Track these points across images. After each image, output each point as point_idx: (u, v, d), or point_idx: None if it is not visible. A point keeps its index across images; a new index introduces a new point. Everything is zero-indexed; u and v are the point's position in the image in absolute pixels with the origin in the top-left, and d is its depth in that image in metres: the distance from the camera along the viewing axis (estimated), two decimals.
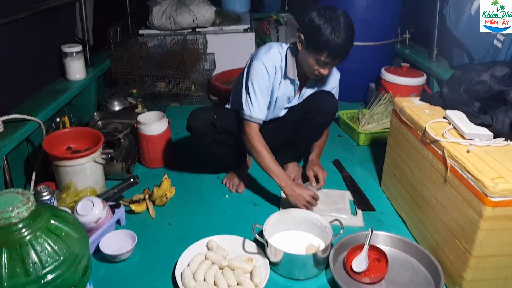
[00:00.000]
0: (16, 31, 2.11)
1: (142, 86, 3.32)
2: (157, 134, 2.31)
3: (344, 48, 1.76)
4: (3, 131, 1.84)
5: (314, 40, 1.75)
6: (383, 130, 2.62)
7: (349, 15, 1.77)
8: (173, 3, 3.68)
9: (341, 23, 1.71)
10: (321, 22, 1.71)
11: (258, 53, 1.93)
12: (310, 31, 1.76)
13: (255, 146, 1.91)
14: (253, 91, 1.89)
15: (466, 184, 1.40)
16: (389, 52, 3.46)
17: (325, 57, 1.76)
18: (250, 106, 1.90)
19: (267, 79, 1.90)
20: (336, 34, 1.70)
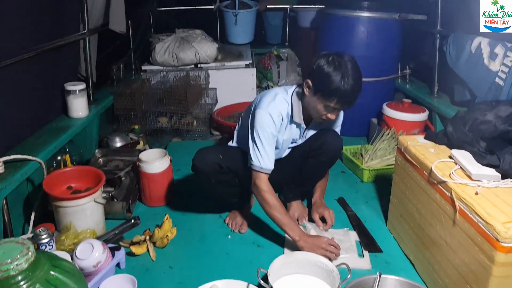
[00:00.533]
0: (20, 71, 2.11)
1: (144, 121, 3.33)
2: (158, 172, 2.29)
3: (354, 94, 1.78)
4: (4, 172, 1.82)
5: (323, 87, 1.76)
6: (387, 166, 2.60)
7: (355, 60, 1.80)
8: (176, 40, 3.73)
9: (349, 70, 1.73)
10: (330, 69, 1.73)
11: (262, 101, 1.90)
12: (319, 78, 1.77)
13: (266, 198, 1.88)
14: (260, 141, 1.86)
15: (476, 227, 1.37)
16: (390, 87, 3.48)
17: (334, 104, 1.77)
18: (259, 157, 1.87)
19: (274, 129, 1.87)
20: (345, 81, 1.72)
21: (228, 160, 1.99)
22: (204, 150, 2.02)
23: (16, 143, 2.13)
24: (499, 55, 2.34)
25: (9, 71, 2.00)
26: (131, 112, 3.25)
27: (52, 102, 2.57)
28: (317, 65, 1.78)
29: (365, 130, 3.41)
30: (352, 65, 1.76)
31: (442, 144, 1.88)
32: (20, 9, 2.13)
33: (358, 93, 1.80)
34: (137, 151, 2.62)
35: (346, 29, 3.26)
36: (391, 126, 2.94)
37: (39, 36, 2.30)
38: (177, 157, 2.60)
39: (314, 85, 1.80)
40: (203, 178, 2.01)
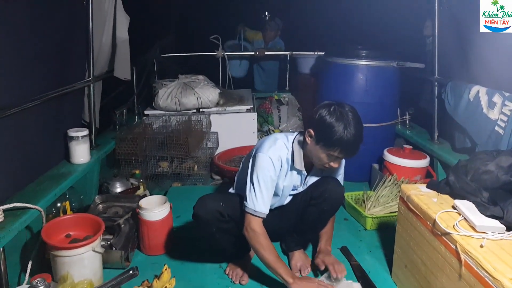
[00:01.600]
0: (24, 118, 2.13)
1: (145, 166, 3.32)
2: (158, 220, 2.26)
3: (356, 144, 1.81)
4: (3, 221, 1.80)
5: (326, 137, 1.79)
6: (390, 214, 2.58)
7: (356, 110, 1.84)
8: (179, 85, 3.79)
9: (351, 120, 1.76)
10: (332, 120, 1.76)
11: (263, 145, 1.94)
12: (321, 128, 1.80)
13: (258, 241, 1.87)
14: (258, 184, 1.87)
15: (483, 282, 1.34)
16: (391, 132, 3.51)
17: (338, 153, 1.80)
18: (254, 200, 1.87)
19: (273, 173, 1.89)
20: (348, 131, 1.75)
21: (230, 208, 1.98)
22: (205, 197, 2.01)
23: (17, 190, 2.12)
24: (497, 103, 2.37)
25: (13, 118, 2.02)
26: (132, 157, 3.25)
27: (54, 148, 2.58)
28: (319, 115, 1.81)
29: (367, 175, 3.40)
30: (353, 115, 1.79)
31: (444, 194, 1.86)
32: (28, 58, 2.19)
33: (360, 142, 1.82)
34: (137, 197, 2.60)
35: (346, 76, 3.32)
36: (393, 172, 2.93)
37: (44, 84, 2.35)
38: (177, 203, 2.58)
39: (317, 135, 1.83)
40: (203, 227, 1.98)
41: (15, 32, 2.06)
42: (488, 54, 2.47)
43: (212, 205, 1.95)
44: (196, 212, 1.95)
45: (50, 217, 2.21)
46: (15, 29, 2.06)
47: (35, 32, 2.24)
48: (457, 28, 2.80)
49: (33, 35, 2.22)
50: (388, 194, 2.74)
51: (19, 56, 2.11)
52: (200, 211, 1.94)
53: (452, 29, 2.84)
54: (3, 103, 1.92)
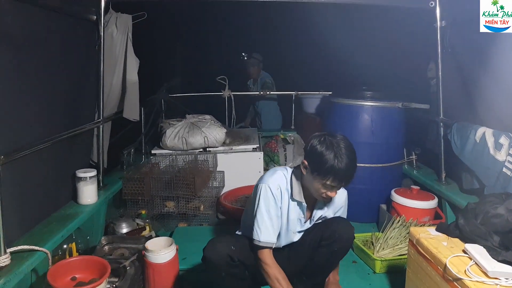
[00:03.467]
0: (34, 160, 2.16)
1: (151, 206, 3.31)
2: (164, 262, 2.24)
3: (348, 172, 1.82)
4: (10, 263, 1.79)
5: (318, 166, 1.82)
6: (399, 257, 2.53)
7: (348, 139, 1.87)
8: (186, 125, 3.84)
9: (342, 149, 1.79)
10: (323, 149, 1.81)
11: (263, 177, 2.01)
12: (313, 158, 1.84)
13: (269, 273, 1.88)
14: (260, 214, 1.91)
15: None
16: (398, 173, 3.50)
17: (331, 182, 1.82)
18: (258, 231, 1.90)
19: (273, 201, 1.92)
20: (339, 159, 1.78)
21: (240, 252, 1.96)
22: (216, 241, 2.00)
23: (25, 231, 2.12)
24: (504, 145, 2.38)
25: (23, 160, 2.04)
26: (139, 197, 3.25)
27: (62, 188, 2.60)
28: (310, 145, 1.86)
29: (375, 216, 3.37)
30: (345, 144, 1.82)
31: (454, 237, 1.85)
32: (41, 102, 2.24)
33: (353, 170, 1.84)
34: (143, 239, 2.58)
35: (351, 116, 3.36)
36: (401, 214, 2.91)
37: (56, 126, 2.40)
38: (183, 245, 2.54)
39: (310, 165, 1.86)
40: (213, 271, 1.96)
41: (30, 77, 2.12)
42: (492, 95, 2.51)
43: (223, 249, 1.93)
44: (206, 255, 1.93)
45: (56, 258, 2.19)
46: (30, 74, 2.12)
47: (49, 76, 2.31)
48: (460, 70, 2.86)
49: (47, 80, 2.29)
50: (396, 236, 2.71)
51: (33, 100, 2.17)
52: (210, 255, 1.92)
53: (456, 71, 2.90)
54: (16, 145, 1.95)
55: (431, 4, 2.95)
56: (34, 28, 2.14)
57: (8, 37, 1.89)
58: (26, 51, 2.07)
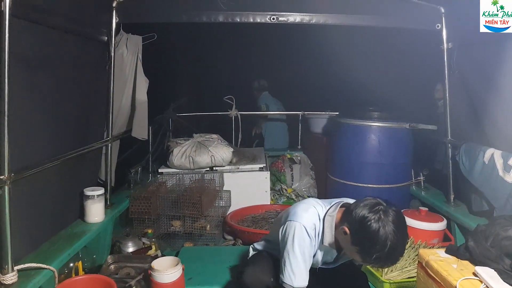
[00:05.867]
0: (43, 179, 2.18)
1: (157, 225, 3.31)
2: (170, 282, 2.22)
3: (395, 261, 1.67)
4: (17, 281, 1.79)
5: (365, 248, 1.63)
6: (408, 279, 2.49)
7: (402, 216, 1.66)
8: (193, 144, 3.86)
9: (398, 240, 1.58)
10: (375, 231, 1.57)
11: (296, 212, 1.83)
12: (361, 234, 1.62)
13: None
14: (294, 257, 1.77)
15: None
16: (405, 194, 3.48)
17: (371, 264, 1.76)
18: (291, 275, 1.77)
19: (309, 243, 1.78)
20: (390, 251, 1.57)
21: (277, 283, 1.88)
22: (257, 267, 1.95)
23: (32, 249, 2.12)
24: None
25: (32, 178, 2.05)
26: (145, 215, 3.25)
27: (70, 206, 2.61)
28: (360, 217, 1.62)
29: None
30: (399, 225, 1.60)
31: (464, 259, 1.83)
32: (51, 121, 2.27)
33: (401, 257, 1.68)
34: (149, 258, 2.57)
35: (358, 137, 3.38)
36: (410, 235, 2.87)
37: (65, 145, 2.42)
38: (189, 265, 2.52)
39: (354, 238, 1.65)
40: None
41: (42, 96, 2.16)
42: (500, 116, 2.51)
43: (263, 278, 1.89)
44: (246, 280, 1.89)
45: (62, 277, 2.18)
46: (42, 93, 2.16)
47: (61, 96, 2.35)
48: (467, 91, 2.87)
49: (58, 99, 2.33)
50: (405, 258, 2.67)
51: (44, 119, 2.20)
52: (250, 281, 1.88)
53: (463, 92, 2.91)
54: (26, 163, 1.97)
55: (438, 27, 2.99)
56: (46, 48, 2.18)
57: (22, 57, 1.93)
58: (38, 71, 2.11)
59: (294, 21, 2.96)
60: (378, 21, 3.00)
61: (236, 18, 2.90)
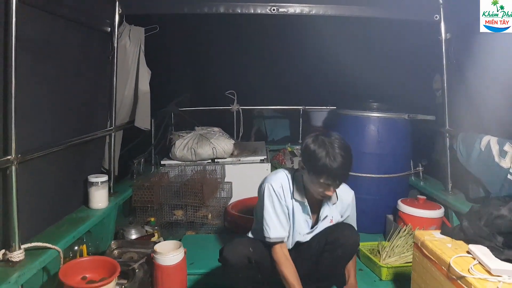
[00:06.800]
0: (47, 163, 2.23)
1: (160, 214, 3.36)
2: (173, 265, 2.27)
3: (342, 170, 1.84)
4: (23, 259, 1.84)
5: (312, 165, 1.85)
6: (405, 264, 2.54)
7: (343, 138, 1.90)
8: (195, 136, 3.90)
9: (335, 147, 1.82)
10: (315, 147, 1.84)
11: (266, 177, 2.07)
12: (307, 157, 1.88)
13: (280, 269, 1.93)
14: (267, 212, 1.96)
15: None
16: (404, 184, 3.52)
17: (325, 180, 1.85)
18: (267, 228, 1.95)
19: (277, 199, 1.97)
20: (331, 158, 1.80)
21: (257, 255, 1.99)
22: (235, 242, 2.03)
23: (37, 232, 2.17)
24: (508, 152, 2.40)
25: (37, 162, 2.11)
26: (148, 204, 3.30)
27: (74, 193, 2.66)
28: (305, 145, 1.90)
29: (382, 226, 3.38)
30: (339, 142, 1.85)
31: (459, 239, 1.87)
32: (56, 107, 2.32)
33: (347, 168, 1.86)
34: (152, 244, 2.62)
35: (358, 128, 3.41)
36: (408, 223, 2.92)
37: (69, 132, 2.48)
38: (191, 251, 2.58)
39: (305, 164, 1.90)
40: (231, 272, 1.99)
41: (47, 82, 2.21)
42: (497, 104, 2.54)
43: (241, 250, 1.96)
44: (226, 255, 1.96)
45: (67, 260, 2.23)
46: (47, 80, 2.21)
47: (65, 83, 2.40)
48: (465, 81, 2.90)
49: (62, 86, 2.38)
50: (403, 244, 2.72)
51: (49, 104, 2.25)
52: (229, 256, 1.95)
53: (461, 82, 2.94)
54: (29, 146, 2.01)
55: (436, 17, 3.02)
56: (52, 36, 2.24)
57: (28, 43, 1.97)
58: (44, 57, 2.16)
59: (294, 12, 3.01)
60: (377, 12, 3.04)
61: (236, 9, 2.95)
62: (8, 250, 1.81)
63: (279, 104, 5.34)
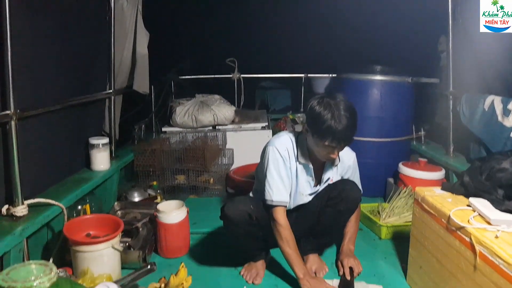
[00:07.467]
0: (47, 122, 2.23)
1: (162, 178, 3.38)
2: (175, 223, 2.30)
3: (347, 132, 1.81)
4: (27, 214, 1.86)
5: (317, 127, 1.82)
6: (405, 223, 2.56)
7: (348, 101, 1.86)
8: (196, 103, 3.89)
9: (340, 109, 1.78)
10: (320, 109, 1.80)
11: (270, 140, 2.04)
12: (312, 119, 1.85)
13: (279, 232, 1.92)
14: (271, 175, 1.93)
15: (498, 270, 1.34)
16: (406, 148, 3.52)
17: (329, 142, 1.82)
18: (270, 191, 1.93)
19: (282, 162, 1.95)
20: (336, 120, 1.77)
21: (258, 212, 2.00)
22: (236, 200, 2.05)
23: (39, 191, 2.19)
24: None
25: (37, 121, 2.11)
26: (150, 169, 3.32)
27: (76, 155, 2.67)
28: (309, 107, 1.86)
29: (382, 190, 3.39)
30: (344, 104, 1.81)
31: (459, 194, 1.87)
32: (53, 65, 2.29)
33: (352, 130, 1.83)
34: (155, 204, 2.64)
35: (360, 91, 3.37)
36: (408, 185, 2.93)
37: (68, 90, 2.46)
38: (193, 212, 2.60)
39: (309, 127, 1.87)
40: (231, 228, 2.01)
41: (45, 39, 2.18)
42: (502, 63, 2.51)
43: (243, 207, 1.98)
44: (227, 212, 1.97)
45: (71, 219, 2.26)
46: (45, 37, 2.18)
47: (63, 42, 2.36)
48: (470, 41, 2.85)
49: (60, 45, 2.34)
50: (402, 205, 2.74)
51: (47, 62, 2.22)
52: (231, 212, 1.96)
53: (466, 43, 2.89)
54: (28, 103, 2.00)
55: None
56: None
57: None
58: (41, 14, 2.12)
59: None
60: None
61: None
62: (12, 205, 1.83)
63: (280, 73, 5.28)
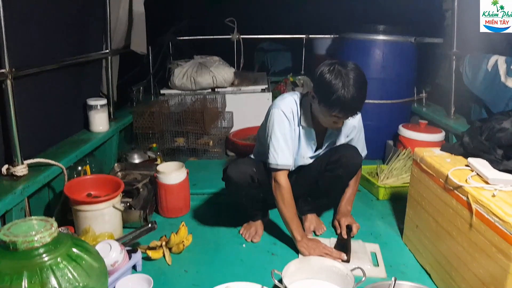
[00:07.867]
0: (44, 82, 2.21)
1: (161, 141, 3.39)
2: (175, 183, 2.32)
3: (356, 104, 1.74)
4: (27, 174, 1.87)
5: (325, 96, 1.73)
6: (403, 184, 2.58)
7: (360, 69, 1.76)
8: (194, 65, 3.83)
9: (351, 78, 1.69)
10: (331, 78, 1.70)
11: (274, 102, 1.97)
12: (320, 87, 1.75)
13: (280, 193, 1.91)
14: (276, 138, 1.89)
15: (493, 228, 1.36)
16: (406, 110, 3.50)
17: (337, 113, 1.76)
18: (275, 154, 1.89)
19: (288, 124, 1.90)
20: (346, 90, 1.68)
21: (260, 173, 2.00)
22: (238, 161, 2.05)
23: (39, 152, 2.19)
24: None
25: (34, 81, 2.09)
26: (149, 131, 3.32)
27: (74, 116, 2.66)
28: (319, 74, 1.75)
29: (381, 152, 3.40)
30: (355, 73, 1.71)
31: (458, 155, 1.87)
32: (48, 20, 2.23)
33: (361, 101, 1.76)
34: (155, 166, 2.65)
35: (362, 52, 3.31)
36: (407, 147, 2.94)
37: (64, 50, 2.41)
38: (193, 174, 2.62)
39: (317, 95, 1.79)
40: (233, 189, 2.02)
41: None
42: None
43: (245, 169, 1.97)
44: (230, 174, 1.97)
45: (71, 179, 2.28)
46: None
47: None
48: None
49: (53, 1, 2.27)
50: (401, 166, 2.76)
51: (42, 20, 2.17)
52: (233, 174, 1.96)
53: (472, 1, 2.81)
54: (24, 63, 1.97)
55: None
56: None
57: None
58: None
59: None
60: None
61: None
62: (12, 165, 1.84)
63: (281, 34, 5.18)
